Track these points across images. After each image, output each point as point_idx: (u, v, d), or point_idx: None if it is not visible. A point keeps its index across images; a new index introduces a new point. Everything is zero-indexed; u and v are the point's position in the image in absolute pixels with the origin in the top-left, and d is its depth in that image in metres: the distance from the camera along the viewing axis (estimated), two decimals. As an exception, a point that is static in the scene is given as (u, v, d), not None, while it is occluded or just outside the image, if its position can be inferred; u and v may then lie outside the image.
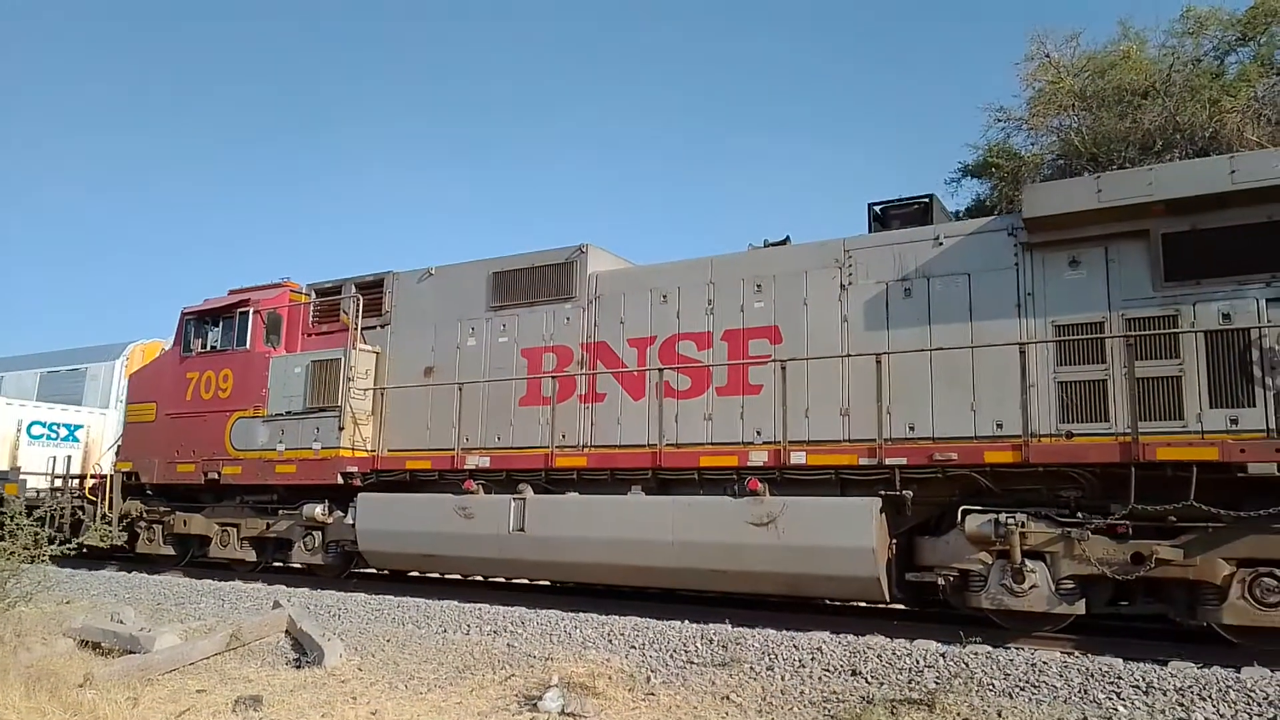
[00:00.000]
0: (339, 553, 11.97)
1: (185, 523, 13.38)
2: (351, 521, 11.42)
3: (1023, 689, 5.94)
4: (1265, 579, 7.08)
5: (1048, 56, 21.50)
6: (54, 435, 17.19)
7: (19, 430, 16.71)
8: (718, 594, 10.26)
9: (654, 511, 9.44)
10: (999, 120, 22.35)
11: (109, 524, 13.50)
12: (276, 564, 13.13)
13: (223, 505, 13.16)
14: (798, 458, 8.84)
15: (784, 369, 9.10)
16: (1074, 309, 8.19)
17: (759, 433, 9.39)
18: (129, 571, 13.22)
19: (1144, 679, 5.84)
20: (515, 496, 10.29)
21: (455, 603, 9.52)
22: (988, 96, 48.76)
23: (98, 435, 17.85)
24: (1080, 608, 7.79)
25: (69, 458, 15.44)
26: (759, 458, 9.04)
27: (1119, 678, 5.89)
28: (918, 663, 6.48)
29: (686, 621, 8.05)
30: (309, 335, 13.02)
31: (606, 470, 10.00)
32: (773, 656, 6.90)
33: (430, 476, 11.23)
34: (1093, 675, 5.95)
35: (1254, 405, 7.39)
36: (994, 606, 8.01)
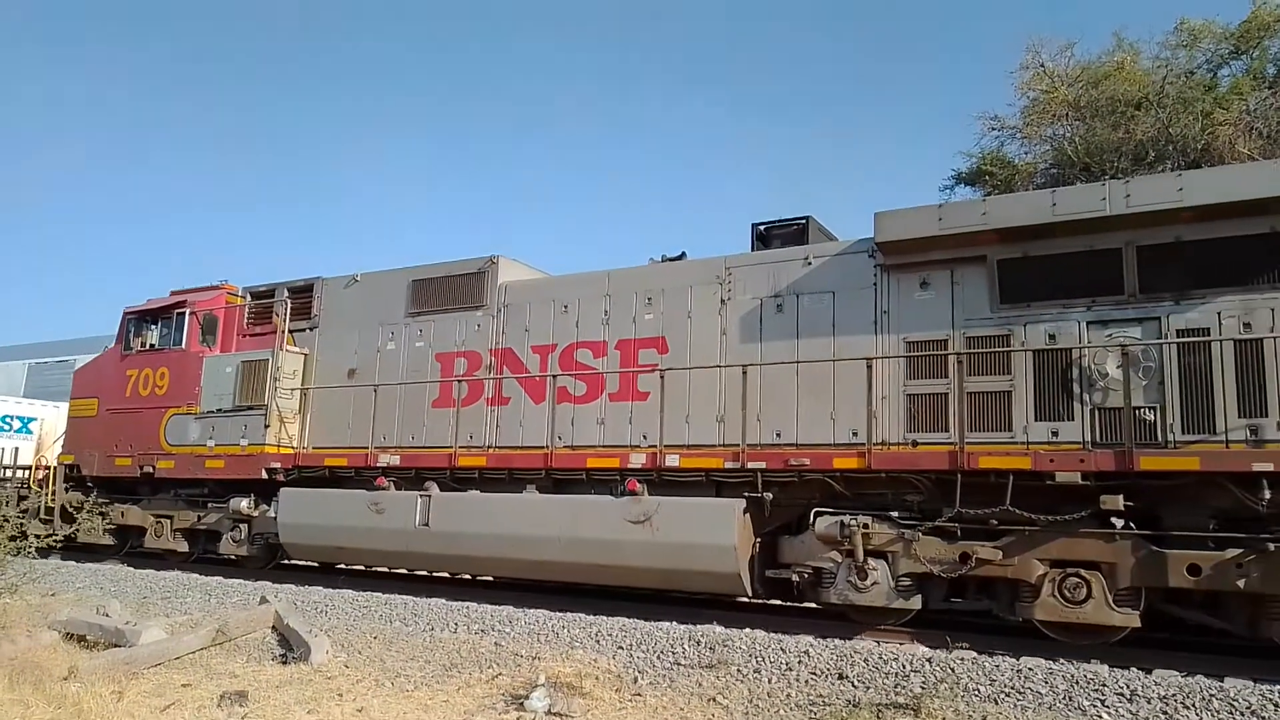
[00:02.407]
0: (264, 545, 12.55)
1: (123, 514, 13.93)
2: (274, 515, 12.02)
3: (1008, 694, 6.00)
4: (1072, 578, 7.74)
5: (1042, 66, 21.74)
6: (6, 427, 17.69)
7: (-29, 422, 17.23)
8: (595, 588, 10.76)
9: (544, 509, 10.07)
10: (993, 129, 22.54)
11: (50, 514, 14.07)
12: (209, 555, 13.69)
13: (158, 498, 13.73)
14: (672, 460, 9.47)
15: (662, 377, 9.73)
16: (922, 327, 8.83)
17: (645, 436, 10.00)
18: (77, 561, 13.73)
19: (1128, 686, 5.91)
20: (422, 493, 10.90)
21: (443, 601, 9.61)
22: (981, 105, 49.29)
23: (51, 428, 18.35)
24: (917, 603, 8.45)
25: (16, 449, 15.94)
26: (638, 460, 9.67)
27: (1103, 685, 5.97)
28: (904, 667, 6.54)
29: (674, 623, 8.19)
30: (244, 336, 13.57)
31: (505, 470, 10.61)
32: (760, 659, 6.94)
33: (347, 473, 11.83)
34: (1078, 682, 6.04)
35: (1073, 419, 8.04)
36: (841, 601, 8.66)
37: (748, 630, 7.74)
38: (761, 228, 10.39)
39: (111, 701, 6.00)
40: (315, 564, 13.27)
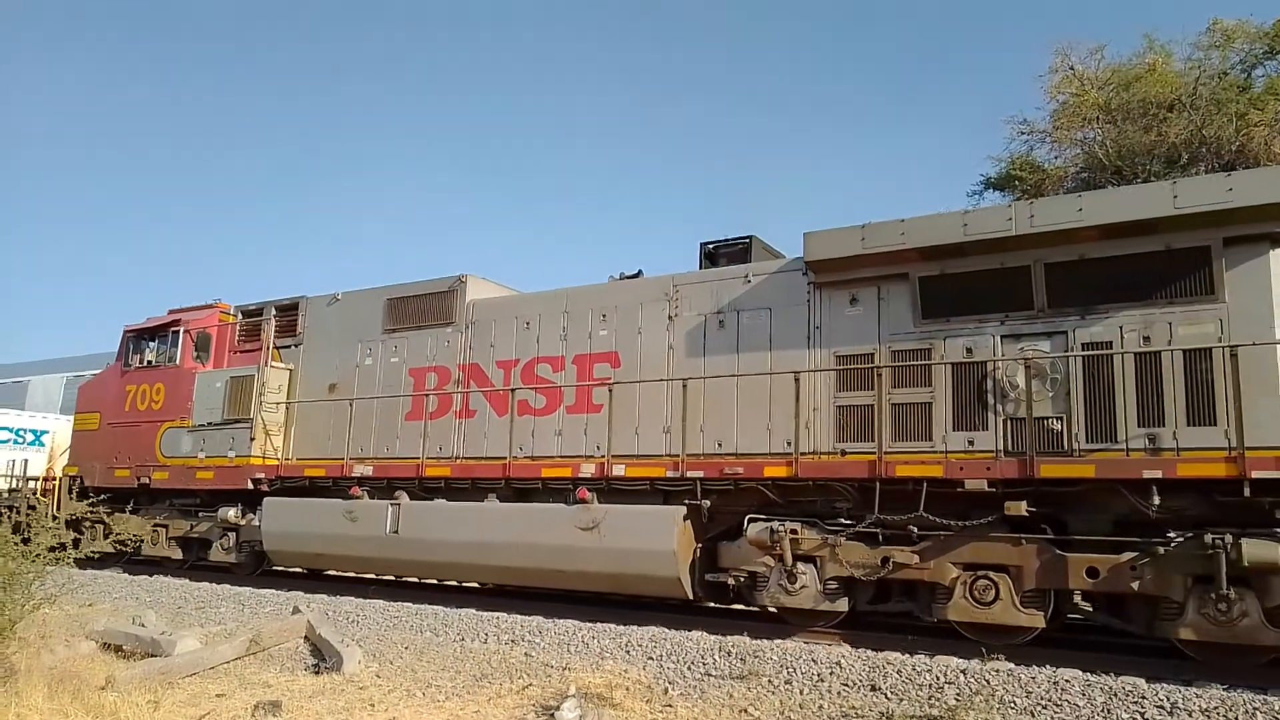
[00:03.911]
0: (251, 552, 13.19)
1: (123, 523, 14.61)
2: (259, 523, 12.65)
3: (1045, 707, 5.94)
4: (982, 580, 8.14)
5: (1072, 69, 21.57)
6: (20, 440, 18.52)
7: (-14, 435, 18.08)
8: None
9: (503, 517, 10.61)
10: (1022, 133, 22.28)
11: (57, 523, 14.77)
12: (202, 562, 14.33)
13: (155, 508, 14.43)
14: (619, 470, 9.98)
15: (611, 391, 10.23)
16: (851, 341, 9.26)
17: (599, 447, 10.48)
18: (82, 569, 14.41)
19: (1169, 699, 5.80)
20: (392, 502, 11.48)
21: (473, 611, 9.69)
22: (1010, 109, 48.89)
23: (63, 440, 19.11)
24: (844, 605, 8.87)
25: (25, 461, 16.74)
26: (588, 470, 10.18)
27: (1143, 698, 5.88)
28: (938, 679, 6.47)
29: (704, 633, 8.20)
30: (235, 353, 14.26)
31: (469, 479, 11.16)
32: (791, 670, 6.92)
33: (326, 483, 12.43)
34: (1116, 694, 5.95)
35: (987, 429, 8.43)
36: (773, 604, 9.11)
37: (778, 641, 7.84)
38: (710, 246, 10.88)
39: (148, 711, 6.04)
40: (302, 570, 13.89)
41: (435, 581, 12.91)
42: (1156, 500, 7.39)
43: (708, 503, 9.47)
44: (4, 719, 5.60)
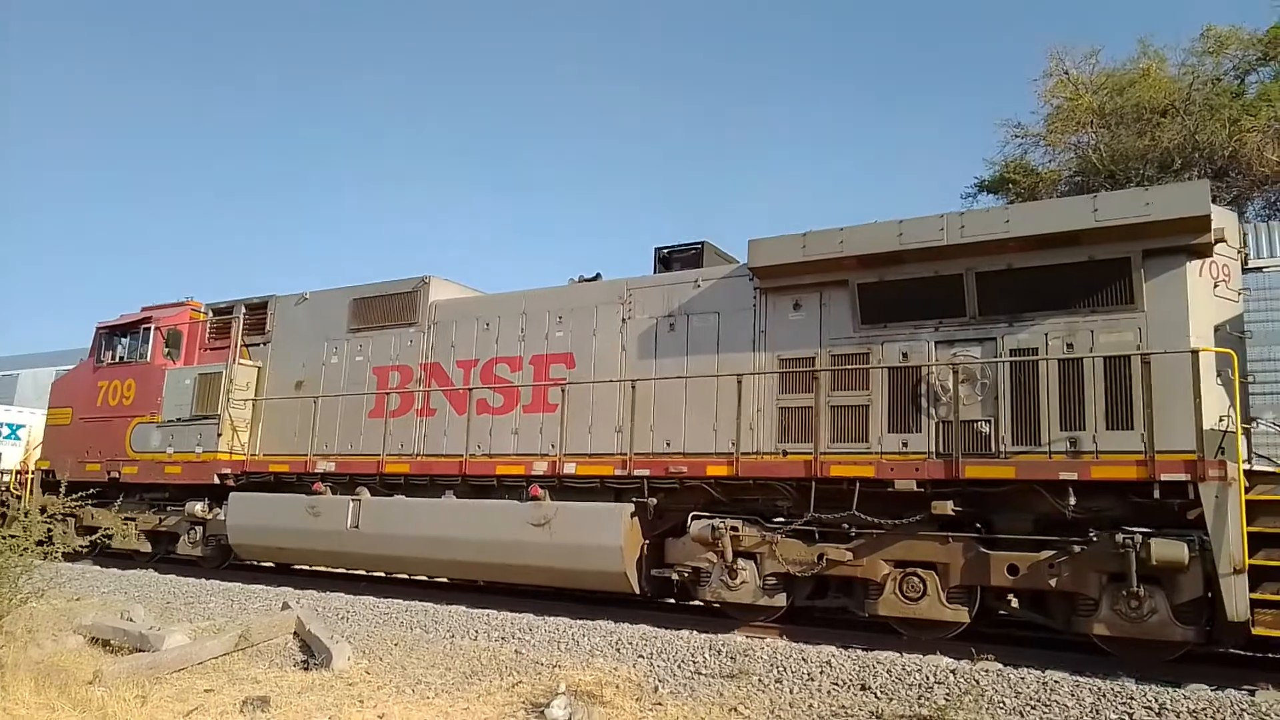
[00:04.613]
0: (217, 546, 13.41)
1: (93, 516, 14.82)
2: (224, 518, 12.87)
3: (1034, 707, 5.95)
4: (912, 577, 8.43)
5: (1066, 73, 21.72)
6: (-4, 434, 18.68)
7: (-39, 429, 18.24)
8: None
9: (459, 513, 10.86)
10: (1016, 136, 22.43)
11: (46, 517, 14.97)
12: (171, 556, 14.54)
13: (126, 502, 14.62)
14: (570, 468, 10.24)
15: (564, 392, 10.51)
16: (794, 345, 9.54)
17: (554, 446, 10.73)
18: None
19: (1156, 700, 5.83)
20: (353, 498, 11.72)
21: (463, 608, 9.71)
22: (1002, 107, 49.23)
23: (39, 434, 19.32)
24: (782, 601, 9.15)
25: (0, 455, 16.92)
26: (541, 467, 10.44)
27: (1131, 698, 5.90)
28: (928, 679, 6.51)
29: (694, 632, 8.29)
30: (205, 350, 14.48)
31: (427, 476, 11.41)
32: (781, 669, 6.94)
33: (290, 479, 12.66)
34: (1104, 695, 5.97)
35: (920, 431, 8.72)
36: (714, 598, 9.38)
37: (769, 640, 7.94)
38: (664, 251, 11.15)
39: (135, 706, 5.99)
40: (271, 564, 14.11)
41: (407, 576, 13.12)
42: (1073, 501, 7.69)
43: (654, 500, 9.74)
44: None
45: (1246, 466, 7.60)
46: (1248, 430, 8.00)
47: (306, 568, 13.99)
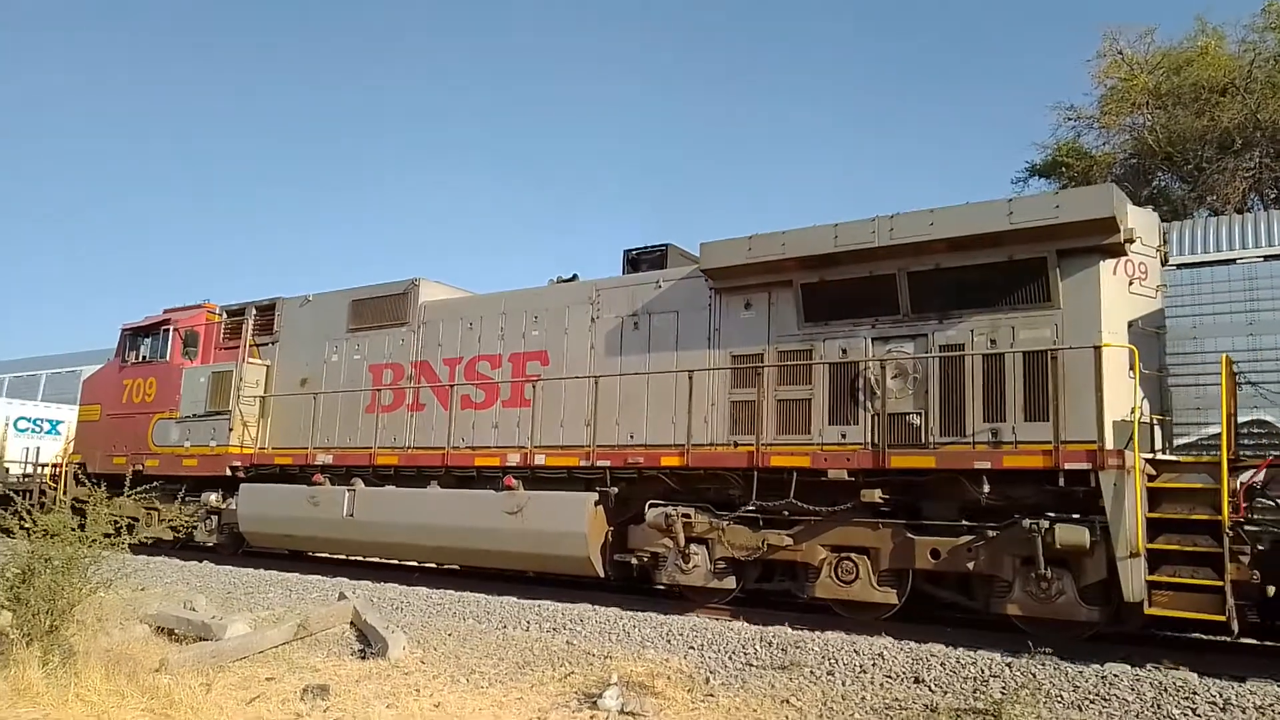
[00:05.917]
0: (230, 534, 14.35)
1: (120, 506, 15.84)
2: (235, 507, 13.80)
3: (1093, 701, 5.86)
4: (846, 561, 8.96)
5: (1120, 53, 21.14)
6: (38, 429, 19.93)
7: (6, 424, 19.50)
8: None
9: (441, 502, 11.61)
10: (1069, 119, 21.89)
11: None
12: (190, 543, 15.51)
13: (149, 493, 15.61)
14: (540, 459, 10.92)
15: (535, 387, 11.18)
16: (745, 343, 10.09)
17: (528, 439, 11.43)
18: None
19: (1220, 695, 5.73)
20: (349, 488, 12.54)
21: (514, 599, 9.82)
22: (1055, 95, 47.31)
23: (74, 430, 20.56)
24: (732, 583, 9.73)
25: (38, 449, 18.11)
26: (514, 459, 11.14)
27: (1194, 693, 5.78)
28: (982, 672, 6.43)
29: (745, 623, 8.43)
30: (219, 349, 15.42)
31: (414, 468, 12.17)
32: (833, 661, 6.93)
33: (294, 470, 13.52)
34: (1166, 690, 5.87)
35: (858, 424, 9.23)
36: (670, 581, 9.99)
37: (820, 632, 7.91)
38: (633, 253, 11.75)
39: (200, 693, 6.13)
40: (285, 551, 14.99)
41: (396, 561, 13.95)
42: (986, 489, 8.16)
43: (616, 489, 10.37)
44: (65, 698, 5.82)
45: (1160, 456, 8.01)
46: (1162, 421, 8.35)
47: (343, 557, 14.52)
